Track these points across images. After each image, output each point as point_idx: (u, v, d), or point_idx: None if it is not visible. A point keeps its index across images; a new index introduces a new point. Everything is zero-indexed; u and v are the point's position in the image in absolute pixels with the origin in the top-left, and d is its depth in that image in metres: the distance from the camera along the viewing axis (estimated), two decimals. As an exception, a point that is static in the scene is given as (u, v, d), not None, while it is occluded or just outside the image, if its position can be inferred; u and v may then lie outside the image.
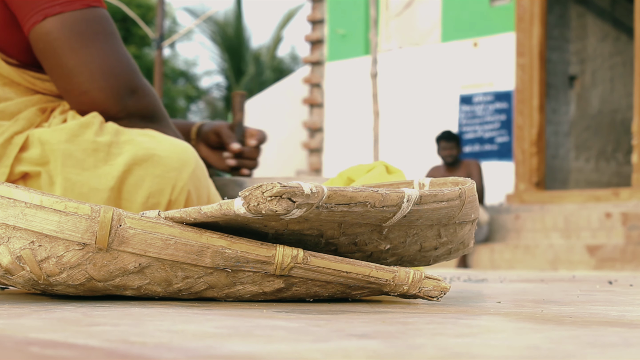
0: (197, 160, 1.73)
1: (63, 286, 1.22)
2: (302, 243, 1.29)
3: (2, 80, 1.74)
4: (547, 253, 7.19)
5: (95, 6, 1.73)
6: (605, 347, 0.78)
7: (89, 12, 1.71)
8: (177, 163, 1.68)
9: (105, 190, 1.62)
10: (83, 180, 1.63)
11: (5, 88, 1.73)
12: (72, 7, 1.69)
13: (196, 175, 1.71)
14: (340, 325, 0.94)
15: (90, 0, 1.72)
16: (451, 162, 7.95)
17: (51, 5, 1.68)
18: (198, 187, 1.71)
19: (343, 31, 9.99)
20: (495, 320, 1.07)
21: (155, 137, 1.72)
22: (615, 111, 9.53)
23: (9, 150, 1.64)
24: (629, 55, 9.26)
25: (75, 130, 1.65)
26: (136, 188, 1.65)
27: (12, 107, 1.71)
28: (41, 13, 1.68)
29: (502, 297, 1.62)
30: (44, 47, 1.69)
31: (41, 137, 1.65)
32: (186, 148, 1.72)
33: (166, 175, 1.67)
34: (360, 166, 1.80)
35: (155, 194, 1.66)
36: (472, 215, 1.43)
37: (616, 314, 1.19)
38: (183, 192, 1.68)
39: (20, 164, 1.64)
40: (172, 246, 1.20)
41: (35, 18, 1.69)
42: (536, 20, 8.46)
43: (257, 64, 21.08)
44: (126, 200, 1.64)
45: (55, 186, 1.62)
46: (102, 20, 1.73)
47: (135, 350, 0.71)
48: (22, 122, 1.69)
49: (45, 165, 1.64)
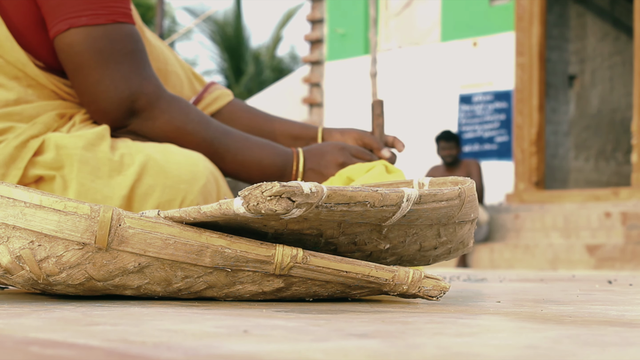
0: (210, 175, 1.72)
1: (62, 286, 1.22)
2: (301, 243, 1.29)
3: (27, 82, 1.73)
4: (546, 252, 7.19)
5: (121, 22, 1.72)
6: (605, 347, 0.78)
7: (113, 28, 1.71)
8: (188, 176, 1.68)
9: (118, 198, 1.63)
10: (97, 187, 1.63)
11: (29, 90, 1.74)
12: (97, 21, 1.69)
13: (207, 189, 1.70)
14: (339, 325, 0.94)
15: (117, 15, 1.71)
16: (451, 162, 7.96)
17: (78, 15, 1.68)
18: (208, 201, 1.71)
19: (342, 31, 9.99)
20: (495, 320, 1.07)
21: (168, 148, 1.72)
22: (615, 111, 9.53)
23: (24, 153, 1.64)
24: (628, 55, 9.27)
25: (93, 139, 1.66)
26: (146, 197, 1.65)
27: (30, 110, 1.71)
28: (66, 22, 1.68)
29: (502, 297, 1.62)
30: (65, 58, 1.71)
31: (58, 141, 1.65)
32: (199, 161, 1.71)
33: (177, 187, 1.67)
34: (360, 166, 1.80)
35: (164, 205, 1.66)
36: (472, 214, 1.43)
37: (616, 314, 1.19)
38: (193, 205, 1.67)
39: (35, 167, 1.64)
40: (171, 246, 1.20)
41: (60, 26, 1.69)
42: (536, 19, 8.46)
43: (256, 64, 21.08)
44: (136, 210, 1.64)
45: (69, 191, 1.62)
46: (125, 38, 1.72)
47: (135, 350, 0.71)
48: (39, 126, 1.69)
49: (60, 170, 1.64)
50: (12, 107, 1.70)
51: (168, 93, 1.77)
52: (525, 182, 8.43)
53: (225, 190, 1.77)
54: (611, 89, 9.51)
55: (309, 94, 10.36)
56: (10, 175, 1.62)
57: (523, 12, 8.52)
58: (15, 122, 1.69)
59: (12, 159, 1.63)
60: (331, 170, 1.82)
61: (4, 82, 1.72)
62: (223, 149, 1.79)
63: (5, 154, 1.63)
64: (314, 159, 1.83)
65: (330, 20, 10.13)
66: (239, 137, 1.81)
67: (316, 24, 10.29)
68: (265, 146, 1.82)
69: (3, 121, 1.68)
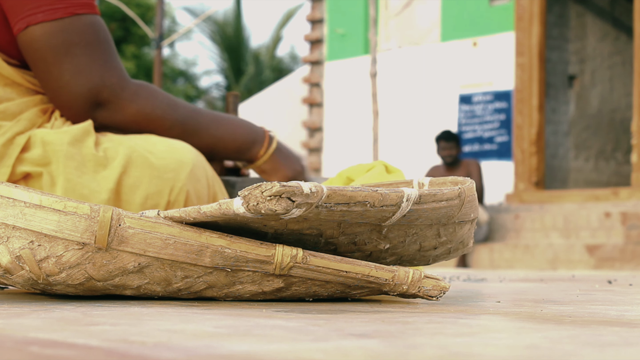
0: (196, 161, 1.72)
1: (62, 286, 1.22)
2: (301, 243, 1.29)
3: (4, 81, 1.73)
4: (546, 252, 7.19)
5: (80, 13, 1.70)
6: (605, 347, 0.78)
7: (71, 21, 1.70)
8: (174, 164, 1.68)
9: (105, 191, 1.63)
10: (84, 182, 1.63)
11: (7, 88, 1.73)
12: (54, 16, 1.68)
13: (194, 175, 1.70)
14: (339, 325, 0.94)
15: (75, 7, 1.70)
16: (451, 162, 7.96)
17: (34, 12, 1.68)
18: (197, 187, 1.71)
19: (342, 31, 9.99)
20: (495, 320, 1.07)
21: (150, 139, 1.72)
22: (615, 111, 9.53)
23: (11, 150, 1.64)
24: (628, 55, 9.27)
25: (79, 135, 1.66)
26: (134, 189, 1.65)
27: (13, 108, 1.71)
28: (25, 20, 1.68)
29: (502, 297, 1.62)
30: (27, 55, 1.71)
31: (44, 137, 1.65)
32: (183, 148, 1.72)
33: (163, 177, 1.67)
34: (360, 166, 1.80)
35: (153, 195, 1.66)
36: (472, 214, 1.43)
37: (615, 314, 1.19)
38: (182, 193, 1.67)
39: (22, 164, 1.64)
40: (171, 246, 1.20)
41: (20, 24, 1.69)
42: (535, 19, 8.46)
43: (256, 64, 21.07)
44: (125, 202, 1.64)
45: (57, 187, 1.62)
46: (85, 29, 1.71)
47: (135, 350, 0.71)
48: (24, 122, 1.69)
49: (47, 166, 1.64)
50: None
51: (133, 81, 1.76)
52: (525, 182, 8.43)
53: (212, 174, 1.77)
54: (611, 89, 9.51)
55: (308, 94, 10.36)
56: None
57: (523, 12, 8.52)
58: None
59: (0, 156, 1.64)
60: (289, 172, 1.91)
61: None
62: (196, 127, 1.81)
63: None
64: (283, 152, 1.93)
65: (330, 20, 10.13)
66: (208, 114, 1.85)
67: (316, 24, 10.29)
68: (234, 120, 1.89)
69: None
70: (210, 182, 1.76)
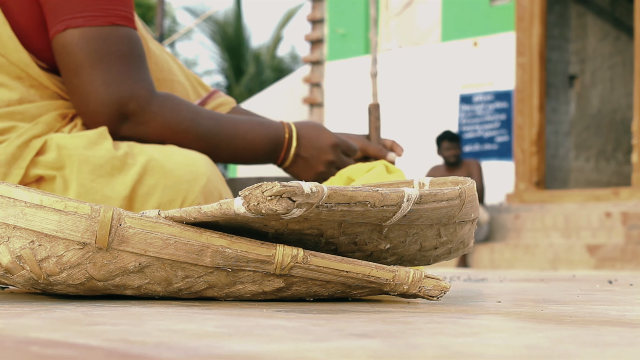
0: (211, 174, 1.72)
1: (63, 285, 1.22)
2: (302, 242, 1.29)
3: (30, 82, 1.73)
4: (547, 252, 7.19)
5: (119, 24, 1.71)
6: (606, 347, 0.78)
7: (110, 30, 1.70)
8: (188, 175, 1.68)
9: (119, 198, 1.63)
10: (97, 187, 1.63)
11: (32, 90, 1.73)
12: (94, 23, 1.69)
13: (208, 189, 1.70)
14: (340, 325, 0.94)
15: (115, 18, 1.71)
16: (453, 162, 7.96)
17: (75, 16, 1.68)
18: (209, 201, 1.71)
19: (343, 31, 9.99)
20: (495, 320, 1.07)
21: (168, 149, 1.72)
22: (615, 111, 9.53)
23: (26, 152, 1.64)
24: (629, 55, 9.27)
25: (94, 139, 1.66)
26: (147, 197, 1.65)
27: (33, 110, 1.71)
28: (64, 23, 1.68)
29: (502, 297, 1.62)
30: (60, 58, 1.71)
31: (59, 141, 1.65)
32: (200, 160, 1.71)
33: (177, 187, 1.67)
34: (360, 166, 1.80)
35: (165, 205, 1.66)
36: (472, 214, 1.43)
37: (616, 314, 1.19)
38: (194, 205, 1.67)
39: (36, 167, 1.64)
40: (172, 245, 1.20)
41: (58, 27, 1.69)
42: (536, 19, 8.46)
43: (257, 64, 21.08)
44: (137, 210, 1.64)
45: (70, 191, 1.62)
46: (121, 41, 1.71)
47: (136, 350, 0.71)
48: (41, 125, 1.69)
49: (61, 170, 1.64)
50: (15, 106, 1.70)
51: (159, 94, 1.76)
52: (526, 182, 8.43)
53: (226, 190, 1.77)
54: (611, 89, 9.51)
55: (309, 94, 10.36)
56: (12, 174, 1.62)
57: (523, 12, 8.52)
58: (17, 121, 1.69)
59: (14, 158, 1.63)
60: (319, 167, 1.87)
61: (6, 81, 1.72)
62: (216, 142, 1.80)
63: (7, 153, 1.63)
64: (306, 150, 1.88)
65: (330, 20, 10.13)
66: (229, 125, 1.83)
67: (316, 24, 10.29)
68: (254, 130, 1.85)
69: (5, 120, 1.68)
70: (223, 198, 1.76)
